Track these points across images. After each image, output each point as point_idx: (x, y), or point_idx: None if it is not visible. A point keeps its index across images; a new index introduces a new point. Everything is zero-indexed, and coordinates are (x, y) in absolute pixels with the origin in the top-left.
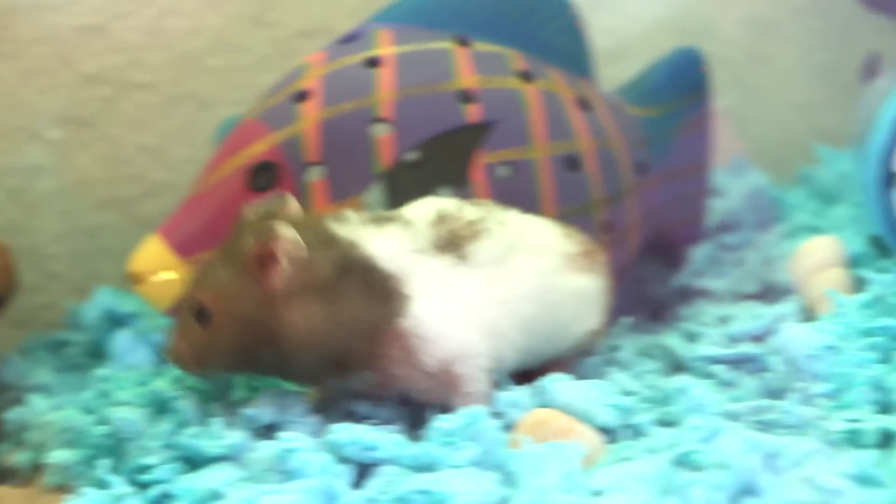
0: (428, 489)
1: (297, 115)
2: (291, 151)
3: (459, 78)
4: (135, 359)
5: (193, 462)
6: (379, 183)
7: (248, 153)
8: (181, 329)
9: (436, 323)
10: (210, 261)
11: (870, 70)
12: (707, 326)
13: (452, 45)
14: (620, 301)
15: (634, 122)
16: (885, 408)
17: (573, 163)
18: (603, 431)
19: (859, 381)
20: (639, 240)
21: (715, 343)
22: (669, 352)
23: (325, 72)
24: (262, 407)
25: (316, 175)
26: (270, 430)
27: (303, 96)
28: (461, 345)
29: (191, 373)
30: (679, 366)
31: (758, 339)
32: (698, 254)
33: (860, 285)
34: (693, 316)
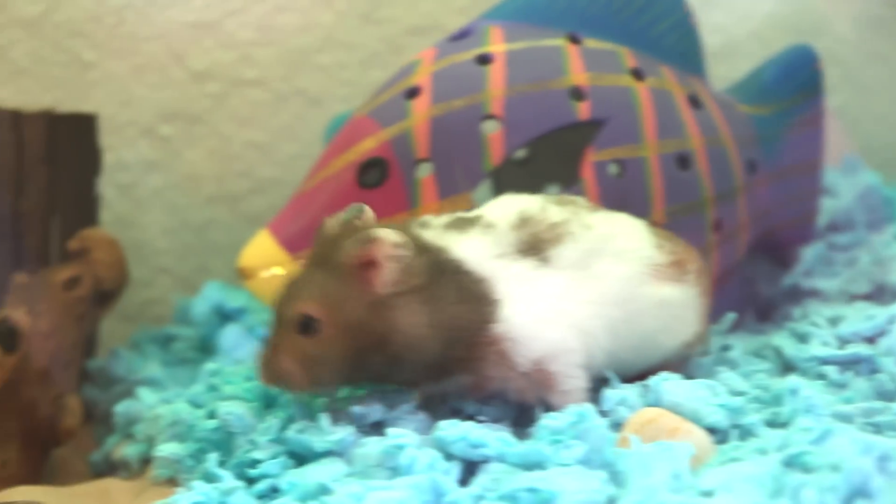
0: (535, 487)
1: (408, 112)
2: (401, 148)
3: (571, 75)
4: (243, 353)
5: (301, 457)
6: (488, 180)
7: (358, 150)
8: (280, 346)
9: (527, 324)
10: (298, 275)
11: None
12: (818, 327)
13: (564, 43)
14: (729, 300)
15: (746, 121)
16: None
17: (684, 161)
18: (711, 431)
19: None
20: (748, 239)
21: (826, 344)
22: (779, 352)
23: (436, 68)
24: (370, 404)
25: (425, 171)
26: (376, 427)
27: (413, 93)
28: (553, 343)
29: (298, 390)
30: (789, 366)
31: (869, 341)
32: (809, 253)
33: None
34: (803, 316)
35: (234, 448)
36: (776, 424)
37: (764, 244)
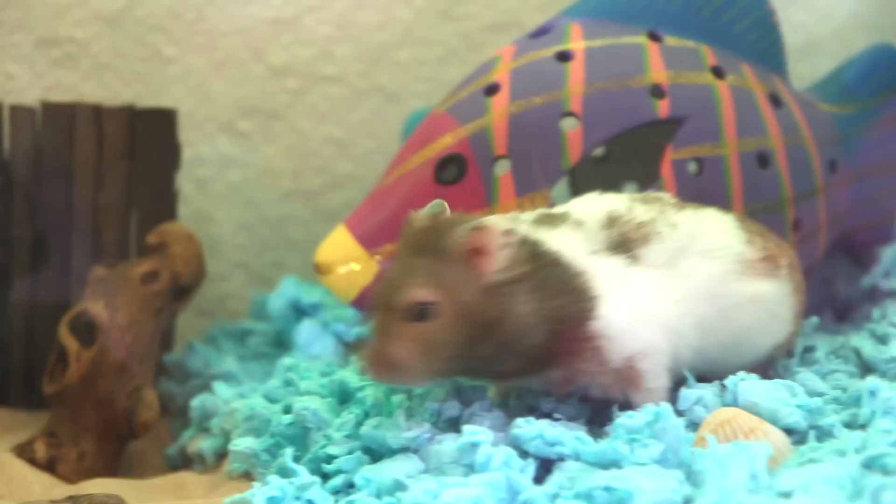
0: (611, 486)
1: (486, 109)
2: (479, 145)
3: (651, 73)
4: (318, 349)
5: (376, 453)
6: (566, 178)
7: (437, 146)
8: (393, 335)
9: (623, 323)
10: (397, 265)
11: None
12: None
13: (644, 40)
14: (808, 301)
15: (827, 120)
16: None
17: (764, 160)
18: (789, 432)
19: None
20: (827, 239)
21: None
22: (858, 353)
23: (515, 65)
24: (447, 401)
25: (503, 168)
26: (451, 424)
27: (493, 89)
28: (646, 343)
29: (413, 378)
30: (867, 367)
31: None
32: (888, 254)
33: None
34: (882, 317)
35: (310, 443)
36: (855, 426)
37: (843, 244)
